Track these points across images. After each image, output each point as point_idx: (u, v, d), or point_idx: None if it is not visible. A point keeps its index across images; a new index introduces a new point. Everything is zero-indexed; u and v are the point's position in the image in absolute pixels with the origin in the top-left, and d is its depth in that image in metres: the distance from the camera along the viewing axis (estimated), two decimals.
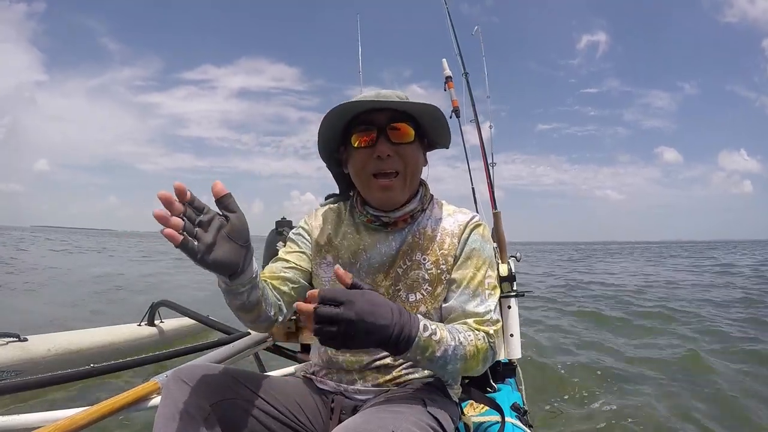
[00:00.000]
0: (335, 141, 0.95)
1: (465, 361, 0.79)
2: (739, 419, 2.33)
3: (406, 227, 0.94)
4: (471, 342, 0.80)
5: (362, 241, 0.95)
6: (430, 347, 0.73)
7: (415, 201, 0.95)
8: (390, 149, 0.88)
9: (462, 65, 2.31)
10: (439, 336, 0.75)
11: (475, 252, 0.92)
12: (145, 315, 3.01)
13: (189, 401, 0.72)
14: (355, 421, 0.72)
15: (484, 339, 0.83)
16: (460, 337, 0.79)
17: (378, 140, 0.88)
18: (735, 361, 3.32)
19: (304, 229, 1.02)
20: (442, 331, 0.76)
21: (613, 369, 3.16)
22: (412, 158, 0.90)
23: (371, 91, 0.92)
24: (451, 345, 0.76)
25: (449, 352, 0.76)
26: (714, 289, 8.12)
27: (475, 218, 0.95)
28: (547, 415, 2.34)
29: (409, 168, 0.90)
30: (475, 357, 0.81)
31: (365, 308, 0.64)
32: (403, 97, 0.90)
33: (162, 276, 9.58)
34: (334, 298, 0.64)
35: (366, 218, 0.95)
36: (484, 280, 0.90)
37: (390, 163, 0.88)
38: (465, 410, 1.19)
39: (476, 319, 0.86)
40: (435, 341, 0.73)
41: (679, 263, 16.70)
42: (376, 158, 0.88)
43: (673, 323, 4.85)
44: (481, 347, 0.82)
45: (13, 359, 2.18)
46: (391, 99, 0.87)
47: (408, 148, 0.90)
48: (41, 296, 6.21)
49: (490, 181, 2.11)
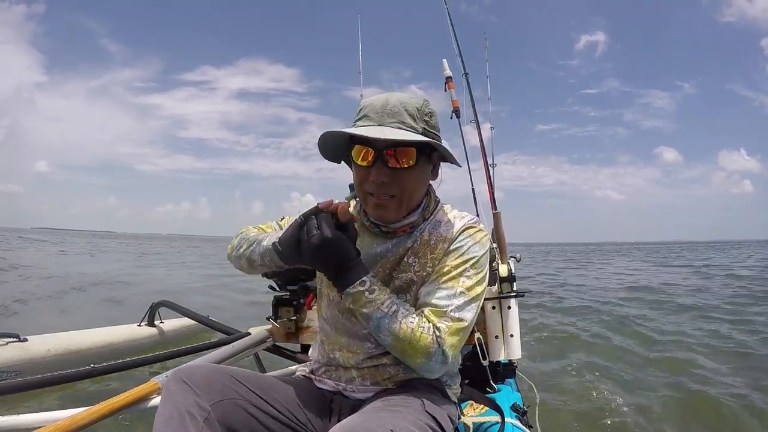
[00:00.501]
0: (344, 144, 0.91)
1: (397, 339, 0.80)
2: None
3: (404, 235, 0.93)
4: (410, 325, 0.80)
5: (361, 241, 0.94)
6: (360, 300, 0.82)
7: (416, 213, 0.93)
8: (386, 175, 0.84)
9: (462, 65, 2.31)
10: (375, 297, 0.82)
11: (459, 250, 0.89)
12: (145, 315, 3.01)
13: (189, 401, 0.72)
14: (353, 421, 0.72)
15: (430, 330, 0.80)
16: (399, 312, 0.81)
17: (374, 164, 0.84)
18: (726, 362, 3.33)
19: None
20: (381, 295, 0.82)
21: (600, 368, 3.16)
22: (409, 183, 0.86)
23: (379, 98, 0.86)
24: (383, 311, 0.81)
25: (378, 316, 0.81)
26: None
27: (471, 221, 0.93)
28: (547, 414, 2.35)
29: (405, 192, 0.87)
30: (411, 343, 0.79)
31: (334, 240, 0.79)
32: (413, 109, 0.84)
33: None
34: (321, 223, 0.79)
35: (368, 222, 0.94)
36: (459, 276, 0.86)
37: (385, 188, 0.85)
38: (465, 410, 1.19)
39: (432, 309, 0.83)
40: (367, 299, 0.82)
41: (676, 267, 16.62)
42: (371, 182, 0.85)
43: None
44: (420, 336, 0.79)
45: (13, 359, 2.17)
46: (398, 116, 0.83)
47: (405, 174, 0.85)
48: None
49: (490, 181, 2.11)
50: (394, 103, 0.84)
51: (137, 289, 6.90)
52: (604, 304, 6.38)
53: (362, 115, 0.86)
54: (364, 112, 0.86)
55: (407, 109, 0.84)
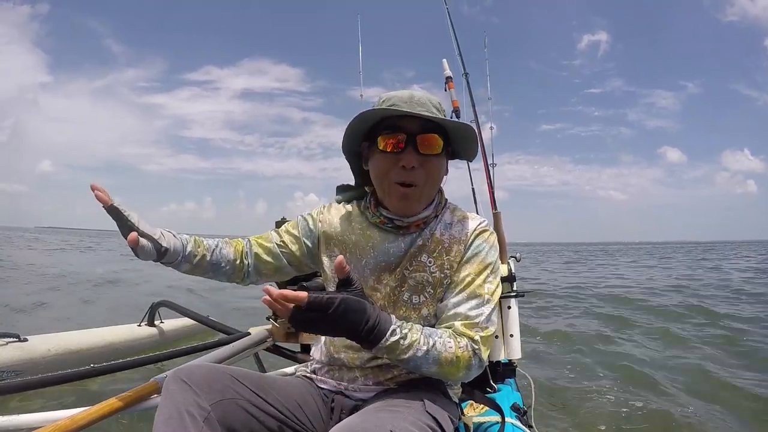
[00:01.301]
0: (360, 136, 0.94)
1: (440, 366, 0.81)
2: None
3: (416, 231, 0.94)
4: (450, 349, 0.81)
5: (371, 239, 0.95)
6: (397, 350, 0.78)
7: (430, 208, 0.94)
8: (417, 160, 0.86)
9: (462, 65, 2.31)
10: (410, 341, 0.78)
11: (478, 256, 0.91)
12: (145, 315, 3.01)
13: (189, 401, 0.72)
14: (353, 420, 0.73)
15: (467, 346, 0.83)
16: (437, 343, 0.80)
17: (406, 149, 0.86)
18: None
19: (312, 218, 1.03)
20: (414, 335, 0.79)
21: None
22: (436, 170, 0.90)
23: (404, 92, 0.89)
24: (422, 349, 0.79)
25: (419, 355, 0.79)
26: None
27: (482, 224, 0.95)
28: (549, 410, 2.35)
29: (430, 180, 0.89)
30: (454, 364, 0.81)
31: (339, 312, 0.71)
32: (436, 103, 0.89)
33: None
34: (319, 306, 0.69)
35: (379, 219, 0.94)
36: (483, 284, 0.89)
37: (413, 174, 0.87)
38: (465, 410, 1.19)
39: (464, 322, 0.85)
40: (403, 346, 0.78)
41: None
42: (401, 167, 0.87)
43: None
44: (461, 355, 0.82)
45: (13, 359, 2.17)
46: (426, 106, 0.86)
47: (434, 160, 0.89)
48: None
49: (490, 181, 2.11)
50: (419, 96, 0.88)
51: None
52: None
53: (389, 104, 0.87)
54: (391, 102, 0.87)
55: (431, 102, 0.88)
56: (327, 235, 1.00)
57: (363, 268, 0.94)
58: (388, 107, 0.86)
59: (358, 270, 0.94)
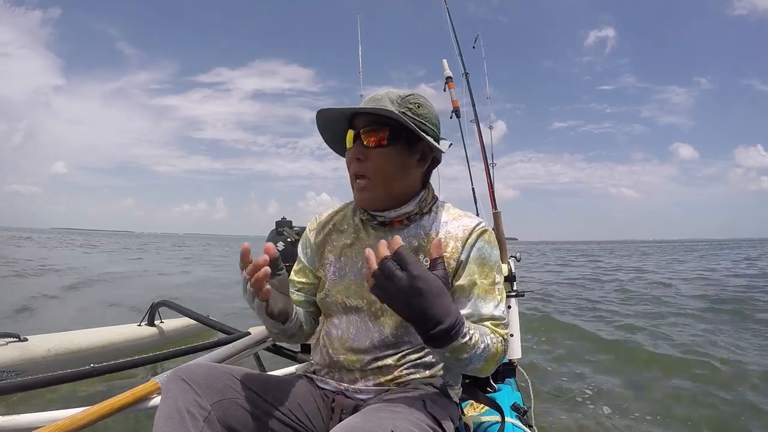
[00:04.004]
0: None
1: (486, 362, 0.81)
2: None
3: (404, 228, 0.94)
4: (494, 344, 0.83)
5: (364, 238, 0.95)
6: (463, 351, 0.76)
7: (411, 204, 0.94)
8: (361, 153, 0.90)
9: (462, 65, 2.31)
10: (474, 341, 0.77)
11: (485, 258, 0.92)
12: (145, 315, 3.01)
13: (189, 401, 0.72)
14: (354, 421, 0.72)
15: (502, 342, 0.85)
16: (487, 340, 0.81)
17: (355, 143, 0.91)
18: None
19: (306, 240, 1.05)
20: (475, 335, 0.78)
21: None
22: (379, 162, 0.90)
23: (378, 91, 0.93)
24: (480, 347, 0.78)
25: (477, 353, 0.78)
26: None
27: (481, 224, 0.95)
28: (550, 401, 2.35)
29: (378, 172, 0.90)
30: (494, 358, 0.83)
31: (431, 288, 0.69)
32: (395, 97, 0.90)
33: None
34: (403, 260, 0.69)
35: (365, 216, 0.96)
36: (494, 285, 0.91)
37: (360, 167, 0.91)
38: (465, 410, 1.19)
39: (494, 322, 0.87)
40: (469, 346, 0.76)
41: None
42: (354, 161, 0.91)
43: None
44: (500, 350, 0.84)
45: (13, 359, 2.17)
46: (380, 101, 0.88)
47: (376, 153, 0.89)
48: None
49: (490, 181, 2.12)
50: (381, 93, 0.91)
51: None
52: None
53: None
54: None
55: (390, 97, 0.89)
56: (319, 244, 1.01)
57: (359, 269, 0.94)
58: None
59: (354, 272, 0.94)
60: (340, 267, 0.97)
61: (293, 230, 1.83)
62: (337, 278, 0.96)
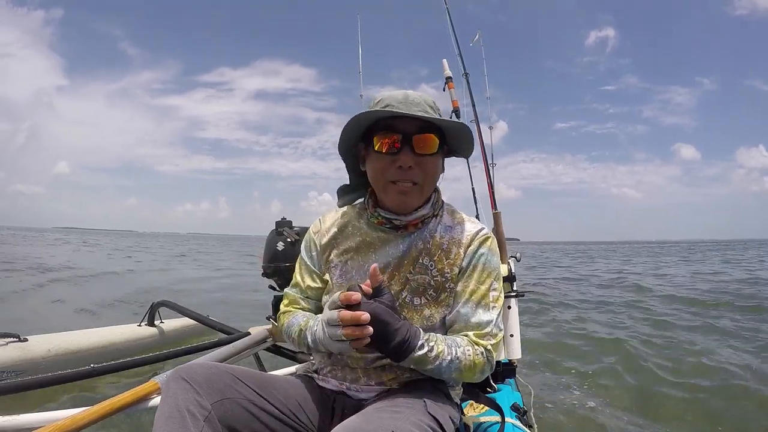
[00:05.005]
0: (356, 137, 0.94)
1: (460, 372, 0.85)
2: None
3: (415, 231, 0.94)
4: (469, 357, 0.85)
5: (371, 243, 0.95)
6: (425, 362, 0.82)
7: (428, 206, 0.95)
8: (412, 160, 0.87)
9: (462, 65, 2.31)
10: (436, 352, 0.82)
11: (482, 265, 0.93)
12: (145, 315, 3.01)
13: (189, 400, 0.72)
14: (354, 421, 0.72)
15: (483, 354, 0.87)
16: (458, 352, 0.84)
17: (401, 149, 0.87)
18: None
19: (311, 244, 1.03)
20: (439, 347, 0.82)
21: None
22: (432, 169, 0.91)
23: (398, 92, 0.90)
24: (446, 359, 0.83)
25: (443, 365, 0.83)
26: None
27: (483, 231, 0.96)
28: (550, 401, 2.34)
29: (428, 179, 0.91)
30: (471, 369, 0.86)
31: (389, 320, 0.77)
32: (431, 102, 0.90)
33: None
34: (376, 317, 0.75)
35: (377, 220, 0.95)
36: (488, 292, 0.91)
37: (410, 174, 0.88)
38: (465, 410, 1.19)
39: (477, 332, 0.88)
40: (430, 357, 0.82)
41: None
42: (397, 167, 0.88)
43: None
44: (478, 362, 0.86)
45: (13, 359, 2.17)
46: (421, 106, 0.88)
47: (430, 160, 0.90)
48: None
49: (490, 181, 2.12)
50: (414, 96, 0.89)
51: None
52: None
53: (383, 105, 0.88)
54: (385, 102, 0.88)
55: (426, 101, 0.90)
56: (326, 246, 1.00)
57: (366, 271, 0.93)
58: (382, 108, 0.87)
59: (360, 275, 0.94)
60: (347, 270, 0.96)
61: (293, 230, 1.83)
62: (343, 281, 0.96)
